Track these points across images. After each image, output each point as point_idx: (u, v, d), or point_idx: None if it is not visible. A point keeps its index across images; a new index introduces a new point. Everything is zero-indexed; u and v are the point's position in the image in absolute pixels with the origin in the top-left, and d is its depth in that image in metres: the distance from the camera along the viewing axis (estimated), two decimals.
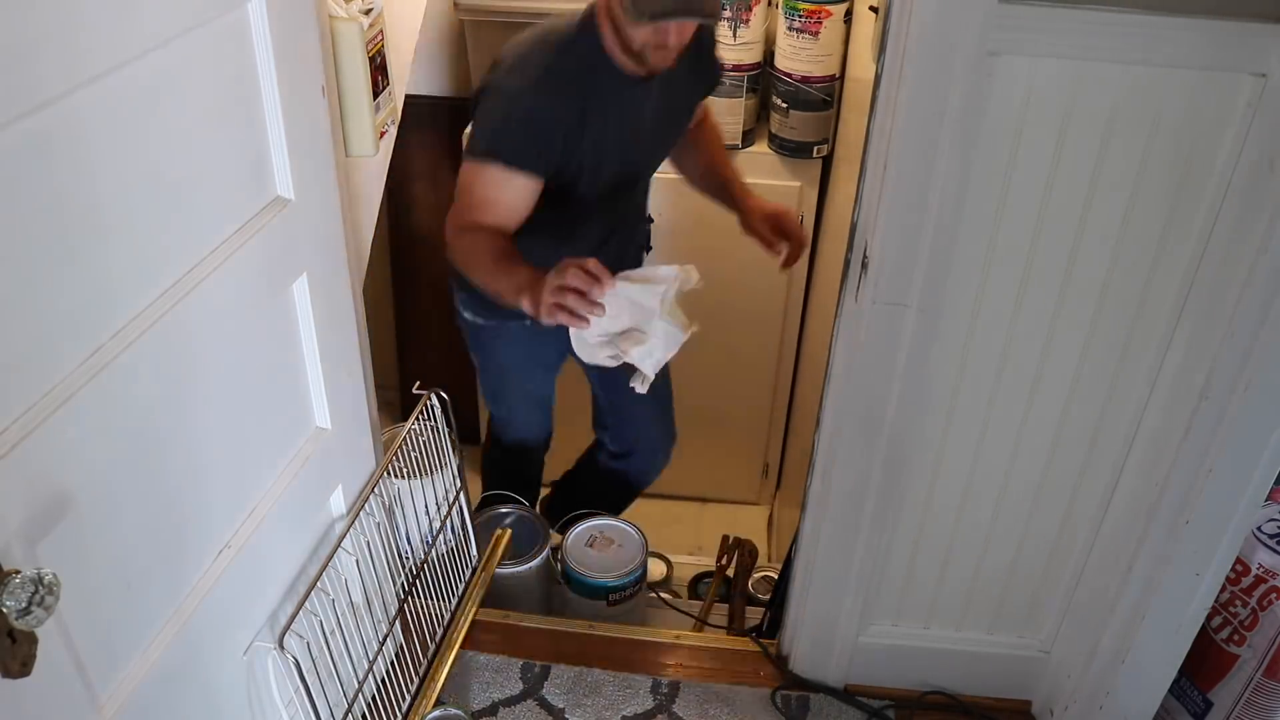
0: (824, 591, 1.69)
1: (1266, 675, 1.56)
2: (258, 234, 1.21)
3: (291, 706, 1.40)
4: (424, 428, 1.76)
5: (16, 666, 0.86)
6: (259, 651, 1.34)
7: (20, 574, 0.83)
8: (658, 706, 1.75)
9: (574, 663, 1.82)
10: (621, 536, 2.07)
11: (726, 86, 2.60)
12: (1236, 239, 1.28)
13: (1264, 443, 1.37)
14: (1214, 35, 1.18)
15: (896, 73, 1.24)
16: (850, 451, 1.53)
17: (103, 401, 0.99)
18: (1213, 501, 1.42)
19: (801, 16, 2.45)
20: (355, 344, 1.53)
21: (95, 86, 0.92)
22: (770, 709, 1.75)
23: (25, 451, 0.89)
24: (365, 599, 1.57)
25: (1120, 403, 1.46)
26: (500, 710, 1.73)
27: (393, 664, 1.65)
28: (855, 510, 1.58)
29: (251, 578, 1.31)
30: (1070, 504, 1.57)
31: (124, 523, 1.06)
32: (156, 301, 1.06)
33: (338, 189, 1.40)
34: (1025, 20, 1.18)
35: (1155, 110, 1.23)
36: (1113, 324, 1.39)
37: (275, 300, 1.30)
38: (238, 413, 1.25)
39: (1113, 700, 1.63)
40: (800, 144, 2.63)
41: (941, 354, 1.43)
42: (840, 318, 1.47)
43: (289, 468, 1.39)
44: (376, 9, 1.49)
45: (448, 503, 1.83)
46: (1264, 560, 1.54)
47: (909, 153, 1.27)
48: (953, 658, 1.76)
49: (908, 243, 1.33)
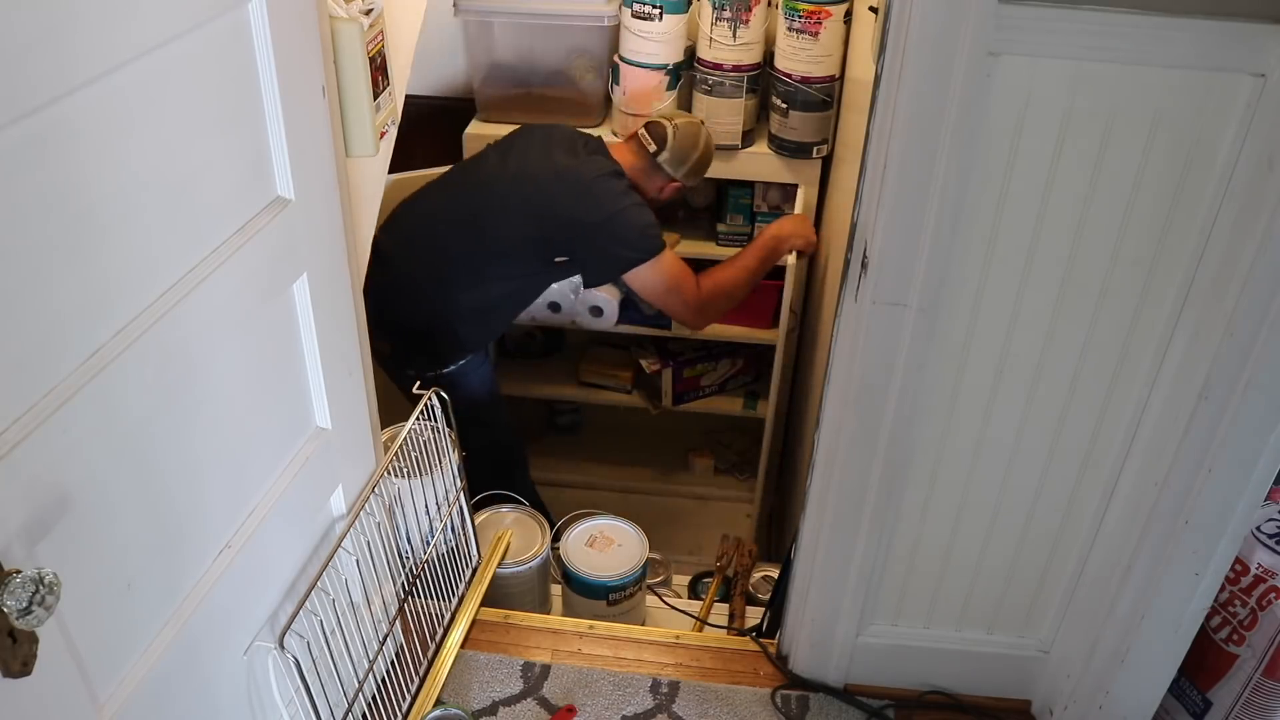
0: (824, 591, 1.69)
1: (1265, 675, 1.56)
2: (258, 234, 1.21)
3: (291, 706, 1.41)
4: (424, 427, 1.77)
5: (17, 666, 0.86)
6: (259, 651, 1.34)
7: (21, 574, 0.83)
8: (657, 706, 1.75)
9: (574, 663, 1.82)
10: (621, 536, 2.07)
11: (726, 87, 2.60)
12: (1236, 239, 1.28)
13: (1263, 443, 1.37)
14: (1214, 35, 1.18)
15: (896, 73, 1.24)
16: (850, 451, 1.53)
17: (103, 402, 0.99)
18: (1212, 501, 1.42)
19: (801, 17, 2.45)
20: (355, 344, 1.53)
21: (95, 87, 0.92)
22: (770, 709, 1.76)
23: (25, 451, 0.89)
24: (365, 599, 1.57)
25: (1120, 402, 1.46)
26: (500, 710, 1.73)
27: (393, 664, 1.65)
28: (855, 510, 1.58)
29: (252, 577, 1.31)
30: (1070, 504, 1.57)
31: (124, 523, 1.06)
32: (157, 302, 1.06)
33: (338, 189, 1.40)
34: (1025, 20, 1.18)
35: (1155, 110, 1.23)
36: (1112, 324, 1.39)
37: (275, 300, 1.30)
38: (238, 413, 1.25)
39: (1112, 700, 1.63)
40: (800, 144, 2.63)
41: (941, 354, 1.43)
42: (840, 318, 1.48)
43: (289, 467, 1.39)
44: (376, 9, 1.49)
45: (448, 502, 1.83)
46: (1263, 560, 1.54)
47: (909, 153, 1.27)
48: (952, 657, 1.76)
49: (908, 243, 1.33)
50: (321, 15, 1.31)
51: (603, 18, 2.63)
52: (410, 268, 2.33)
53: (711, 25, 2.54)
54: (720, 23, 2.53)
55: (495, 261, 2.32)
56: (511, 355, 3.19)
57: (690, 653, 1.87)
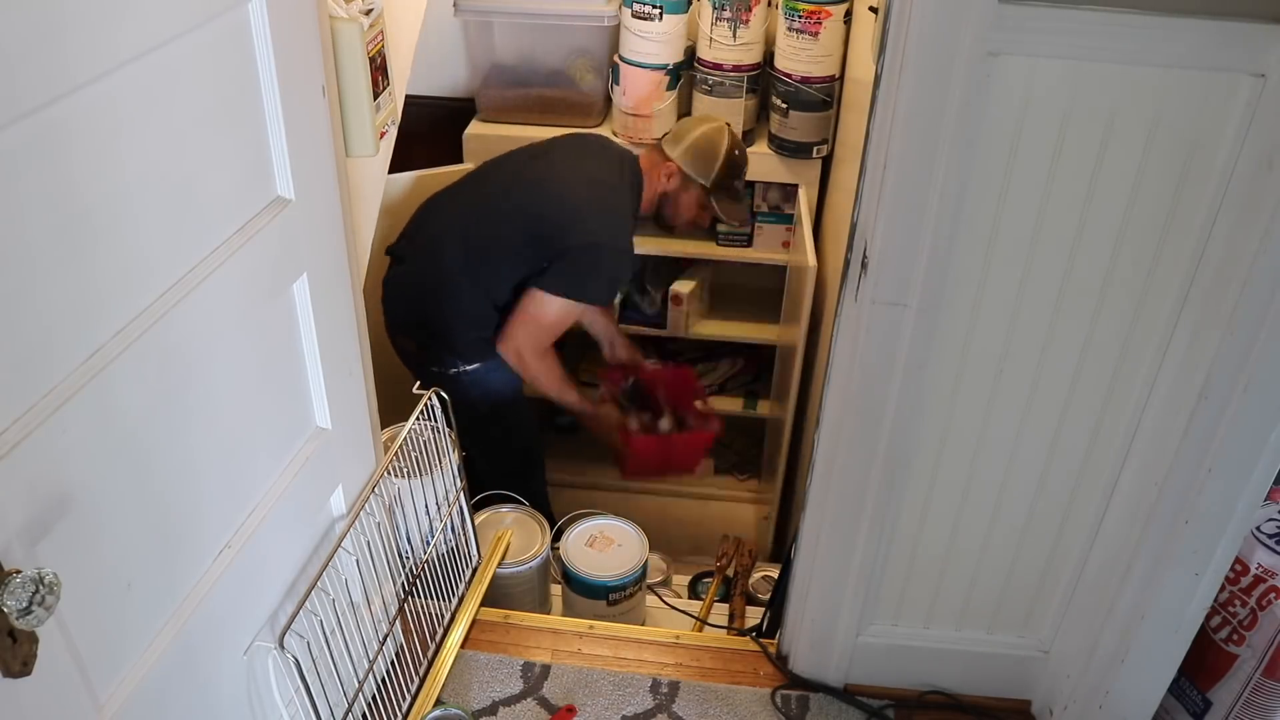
0: (824, 591, 1.69)
1: (1265, 675, 1.56)
2: (258, 234, 1.21)
3: (291, 706, 1.41)
4: (424, 427, 1.77)
5: (17, 666, 0.86)
6: (259, 651, 1.34)
7: (21, 574, 0.83)
8: (658, 706, 1.75)
9: (574, 663, 1.82)
10: (621, 536, 2.07)
11: (726, 87, 2.61)
12: (1236, 239, 1.28)
13: (1263, 442, 1.37)
14: (1213, 35, 1.18)
15: (896, 73, 1.24)
16: (850, 451, 1.54)
17: (103, 402, 0.99)
18: (1212, 501, 1.42)
19: (801, 17, 2.45)
20: (355, 344, 1.53)
21: (94, 88, 0.92)
22: (770, 709, 1.76)
23: (25, 451, 0.89)
24: (365, 599, 1.57)
25: (1119, 402, 1.46)
26: (500, 710, 1.73)
27: (393, 664, 1.65)
28: (855, 510, 1.58)
29: (252, 577, 1.31)
30: (1070, 504, 1.57)
31: (124, 523, 1.06)
32: (156, 302, 1.06)
33: (338, 189, 1.40)
34: (1025, 20, 1.18)
35: (1155, 110, 1.23)
36: (1112, 324, 1.39)
37: (275, 300, 1.30)
38: (238, 413, 1.25)
39: (1112, 700, 1.63)
40: (800, 144, 2.63)
41: (941, 354, 1.43)
42: (840, 318, 1.48)
43: (289, 467, 1.39)
44: (376, 9, 1.49)
45: (448, 502, 1.84)
46: (1263, 560, 1.54)
47: (909, 153, 1.27)
48: (952, 657, 1.76)
49: (908, 243, 1.33)
50: (321, 15, 1.31)
51: (603, 18, 2.63)
52: (433, 265, 2.34)
53: (711, 25, 2.54)
54: (720, 23, 2.53)
55: (511, 259, 2.31)
56: None
57: (690, 653, 1.87)
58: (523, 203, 2.31)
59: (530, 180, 2.35)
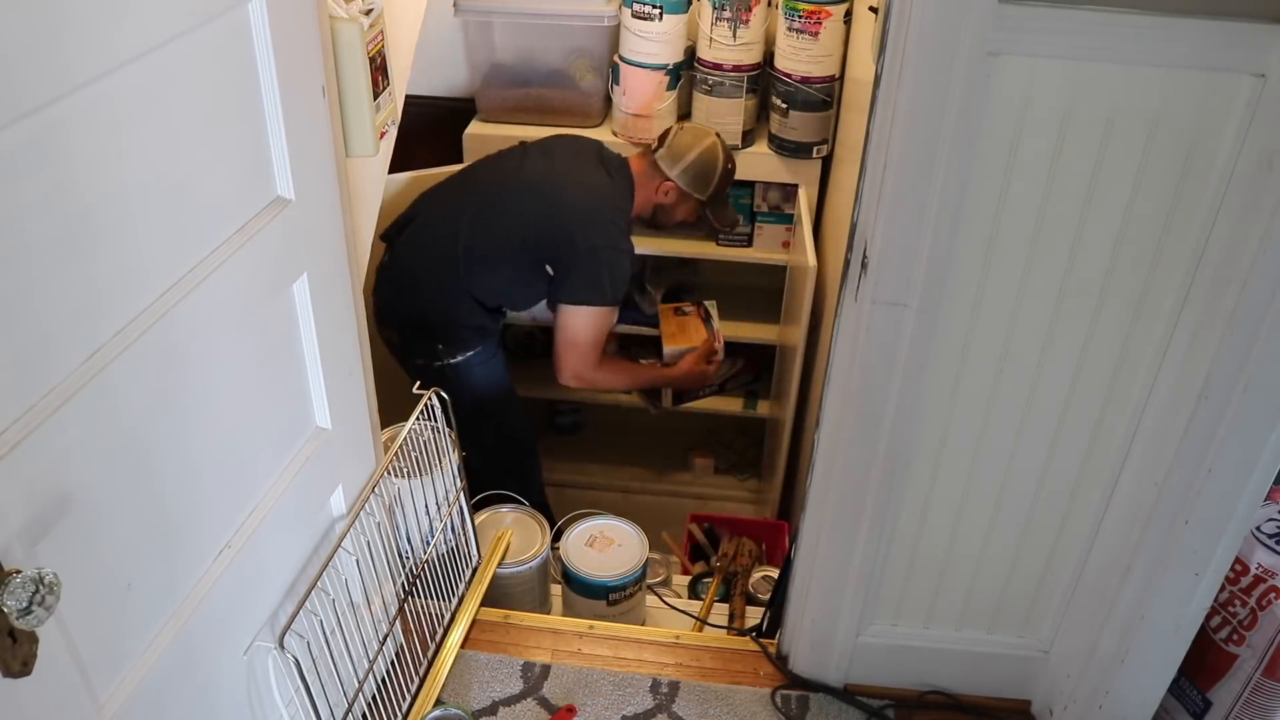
0: (824, 591, 1.69)
1: (1265, 675, 1.56)
2: (258, 234, 1.21)
3: (291, 706, 1.41)
4: (424, 427, 1.77)
5: (17, 666, 0.86)
6: (259, 651, 1.34)
7: (21, 574, 0.83)
8: (657, 706, 1.75)
9: (574, 663, 1.82)
10: (621, 536, 2.07)
11: (726, 87, 2.61)
12: (1236, 238, 1.28)
13: (1263, 442, 1.37)
14: (1214, 35, 1.18)
15: (896, 73, 1.24)
16: (850, 452, 1.53)
17: (103, 402, 0.99)
18: (1212, 501, 1.42)
19: (801, 17, 2.45)
20: (355, 344, 1.53)
21: (93, 88, 0.92)
22: (770, 709, 1.76)
23: (25, 452, 0.89)
24: (365, 599, 1.57)
25: (1119, 402, 1.46)
26: (500, 710, 1.73)
27: (393, 664, 1.65)
28: (855, 510, 1.58)
29: (252, 577, 1.31)
30: (1070, 504, 1.57)
31: (124, 523, 1.06)
32: (156, 302, 1.06)
33: (338, 189, 1.40)
34: (1025, 20, 1.18)
35: (1155, 110, 1.23)
36: (1112, 324, 1.39)
37: (275, 300, 1.30)
38: (238, 413, 1.25)
39: (1112, 700, 1.63)
40: (800, 144, 2.63)
41: (941, 354, 1.43)
42: (840, 318, 1.48)
43: (289, 467, 1.39)
44: (376, 9, 1.49)
45: (448, 502, 1.84)
46: (1263, 560, 1.54)
47: (909, 153, 1.27)
48: (952, 657, 1.76)
49: (908, 243, 1.33)
50: (321, 15, 1.31)
51: (603, 18, 2.63)
52: (421, 257, 2.40)
53: (711, 25, 2.55)
54: (720, 23, 2.53)
55: (498, 257, 2.36)
56: (512, 355, 3.18)
57: (690, 653, 1.87)
58: (513, 208, 2.36)
59: (522, 185, 2.39)
